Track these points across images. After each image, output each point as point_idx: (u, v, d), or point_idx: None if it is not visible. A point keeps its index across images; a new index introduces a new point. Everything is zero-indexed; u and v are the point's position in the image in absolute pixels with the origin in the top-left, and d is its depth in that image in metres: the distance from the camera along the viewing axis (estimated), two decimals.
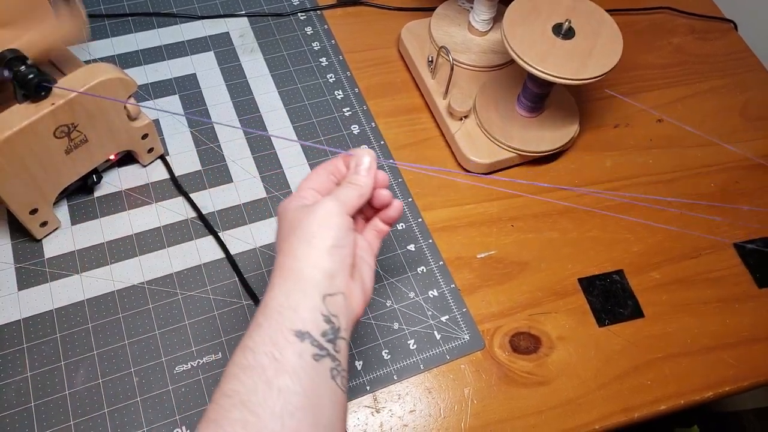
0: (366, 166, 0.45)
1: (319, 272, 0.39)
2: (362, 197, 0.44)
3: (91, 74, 0.53)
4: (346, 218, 0.42)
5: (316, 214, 0.41)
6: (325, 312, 0.39)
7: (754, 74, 0.81)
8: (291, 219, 0.42)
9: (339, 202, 0.42)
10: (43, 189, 0.55)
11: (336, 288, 0.40)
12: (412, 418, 0.54)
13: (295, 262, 0.40)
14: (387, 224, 0.48)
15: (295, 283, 0.39)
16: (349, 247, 0.41)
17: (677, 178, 0.71)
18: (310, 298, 0.39)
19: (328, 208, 0.41)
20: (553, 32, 0.60)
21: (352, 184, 0.44)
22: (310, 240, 0.40)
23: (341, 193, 0.43)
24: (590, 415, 0.56)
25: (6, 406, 0.51)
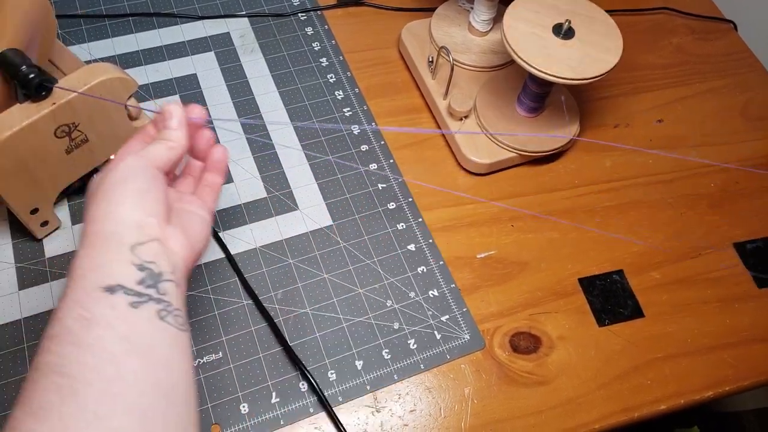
0: (175, 120, 0.42)
1: (124, 225, 0.37)
2: (173, 150, 0.41)
3: (91, 74, 0.53)
4: (152, 170, 0.39)
5: (116, 170, 0.39)
6: (137, 261, 0.36)
7: (754, 74, 0.81)
8: (92, 189, 0.39)
9: (142, 156, 0.40)
10: (43, 189, 0.55)
11: (147, 236, 0.37)
12: (413, 417, 0.54)
13: (96, 225, 0.37)
14: (218, 173, 0.46)
15: (99, 244, 0.37)
16: (157, 191, 0.39)
17: (677, 178, 0.71)
18: (116, 252, 0.36)
19: (127, 163, 0.39)
20: (553, 32, 0.60)
21: (160, 140, 0.42)
22: (110, 198, 0.38)
23: (147, 150, 0.41)
24: (590, 414, 0.56)
25: (7, 406, 0.51)
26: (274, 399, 0.54)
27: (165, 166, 0.41)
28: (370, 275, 0.60)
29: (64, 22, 0.73)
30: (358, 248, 0.62)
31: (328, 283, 0.60)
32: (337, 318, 0.58)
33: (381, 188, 0.66)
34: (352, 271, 0.60)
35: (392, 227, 0.64)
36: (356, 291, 0.59)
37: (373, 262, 0.61)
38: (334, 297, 0.59)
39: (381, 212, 0.64)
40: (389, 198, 0.65)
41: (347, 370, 0.56)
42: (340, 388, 0.55)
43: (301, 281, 0.59)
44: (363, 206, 0.64)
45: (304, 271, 0.60)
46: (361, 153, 0.68)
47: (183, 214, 0.43)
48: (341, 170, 0.67)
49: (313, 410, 0.53)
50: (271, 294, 0.58)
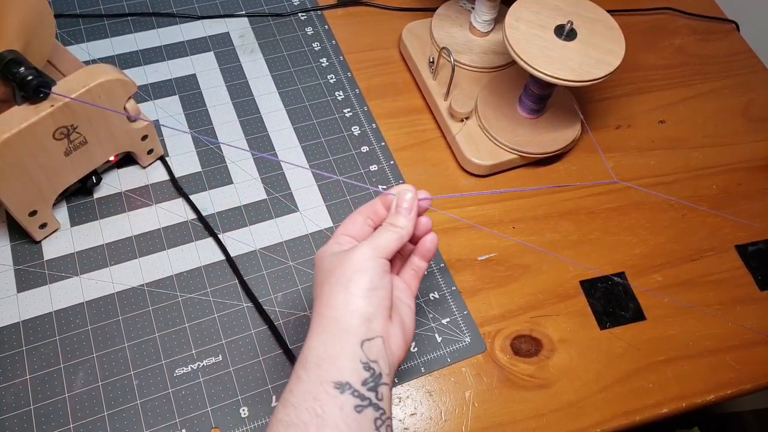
0: (406, 206, 0.44)
1: (356, 317, 0.39)
2: (401, 239, 0.43)
3: (90, 76, 0.53)
4: (381, 261, 0.41)
5: (351, 260, 0.41)
6: (364, 359, 0.38)
7: (756, 75, 0.81)
8: (326, 266, 0.42)
9: (374, 247, 0.41)
10: (42, 191, 0.55)
11: (374, 332, 0.39)
12: (413, 421, 0.54)
13: (331, 311, 0.40)
14: (424, 260, 0.47)
15: (332, 332, 0.39)
16: (385, 289, 0.41)
17: (679, 180, 0.71)
18: (349, 346, 0.38)
19: (362, 253, 0.41)
20: (555, 33, 0.60)
21: (390, 227, 0.43)
22: (345, 285, 0.40)
23: (378, 237, 0.42)
24: (591, 418, 0.56)
25: (5, 409, 0.51)
26: (274, 402, 0.53)
27: (391, 255, 0.42)
28: None
29: (62, 21, 0.72)
30: None
31: None
32: None
33: (382, 190, 0.65)
34: None
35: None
36: None
37: None
38: None
39: None
40: None
41: None
42: None
43: (301, 284, 0.59)
44: None
45: (304, 274, 0.60)
46: (361, 154, 0.68)
47: (397, 303, 0.44)
48: (341, 171, 0.66)
49: None
50: (271, 296, 0.58)
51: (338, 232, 0.45)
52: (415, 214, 0.44)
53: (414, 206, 0.44)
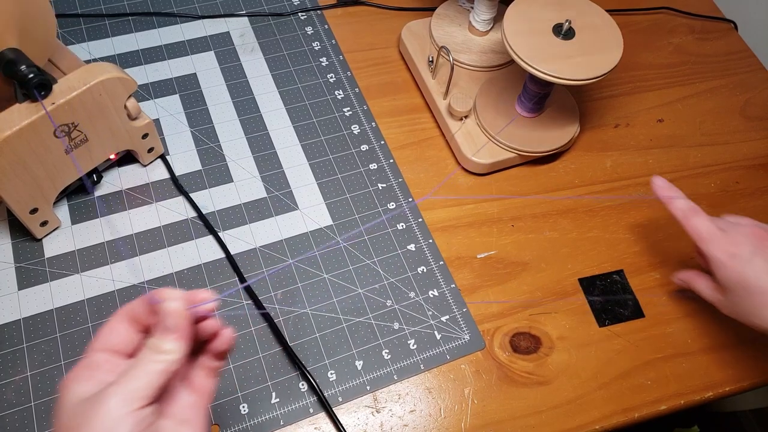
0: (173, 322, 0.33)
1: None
2: (168, 369, 0.33)
3: (91, 74, 0.53)
4: (139, 415, 0.31)
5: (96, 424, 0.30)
6: None
7: (754, 74, 0.81)
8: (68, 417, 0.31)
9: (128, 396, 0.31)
10: (43, 188, 0.55)
11: None
12: (413, 418, 0.54)
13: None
14: (219, 359, 0.38)
15: None
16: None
17: (677, 178, 0.71)
18: None
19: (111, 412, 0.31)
20: (554, 32, 0.60)
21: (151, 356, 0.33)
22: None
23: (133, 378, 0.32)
24: (590, 415, 0.56)
25: (6, 406, 0.51)
26: (274, 399, 0.53)
27: (157, 393, 0.33)
28: (370, 275, 0.60)
29: (63, 21, 0.73)
30: (358, 248, 0.62)
31: (328, 283, 0.60)
32: (337, 318, 0.58)
33: (381, 188, 0.66)
34: (351, 271, 0.60)
35: (392, 227, 0.64)
36: (356, 291, 0.59)
37: (373, 262, 0.61)
38: (333, 297, 0.59)
39: (381, 212, 0.64)
40: (389, 198, 0.65)
41: (347, 370, 0.56)
42: (339, 388, 0.55)
43: (300, 281, 0.59)
44: (363, 206, 0.64)
45: (303, 271, 0.60)
46: (361, 153, 0.68)
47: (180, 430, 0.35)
48: (341, 170, 0.66)
49: (312, 410, 0.53)
50: (270, 294, 0.58)
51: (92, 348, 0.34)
52: (187, 328, 0.34)
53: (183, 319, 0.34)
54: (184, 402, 0.36)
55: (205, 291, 0.36)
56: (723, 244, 0.51)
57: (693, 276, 0.57)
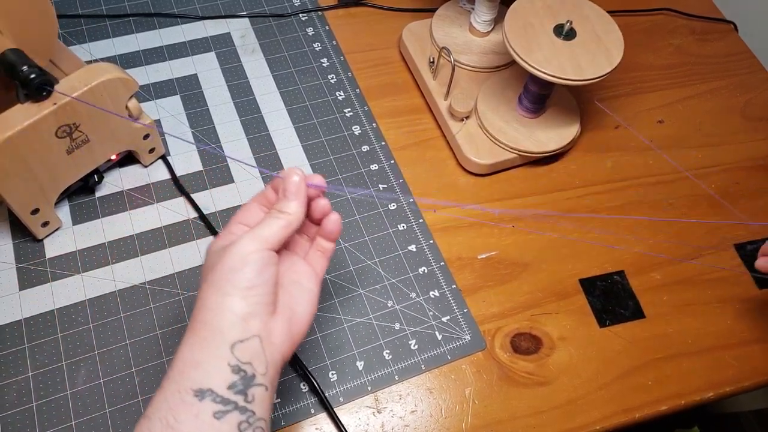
0: (293, 189, 0.42)
1: (230, 319, 0.38)
2: (289, 226, 0.41)
3: (92, 74, 0.53)
4: (265, 254, 0.39)
5: (231, 256, 0.39)
6: (234, 362, 0.37)
7: (754, 75, 0.81)
8: (210, 263, 0.40)
9: (257, 238, 0.40)
10: (44, 189, 0.55)
11: (249, 332, 0.38)
12: (414, 418, 0.54)
13: (205, 313, 0.38)
14: (329, 240, 0.46)
15: (203, 335, 0.38)
16: (266, 285, 0.39)
17: (678, 179, 0.71)
18: (217, 349, 0.37)
19: (243, 248, 0.39)
20: (555, 33, 0.61)
21: (276, 214, 0.41)
22: (221, 286, 0.38)
23: (263, 226, 0.41)
24: (591, 415, 0.56)
25: (7, 406, 0.51)
26: (275, 399, 0.53)
27: (279, 243, 0.41)
28: (371, 276, 0.60)
29: (64, 22, 0.73)
30: (359, 249, 0.62)
31: (329, 283, 0.60)
32: (338, 318, 0.58)
33: (382, 189, 0.66)
34: (353, 272, 0.60)
35: (393, 228, 0.64)
36: (357, 291, 0.59)
37: (374, 263, 0.61)
38: (335, 297, 0.59)
39: (382, 213, 0.64)
40: (390, 198, 0.65)
41: (348, 370, 0.56)
42: (341, 388, 0.55)
43: None
44: (364, 207, 0.64)
45: None
46: (361, 153, 0.68)
47: (292, 288, 0.43)
48: (342, 171, 0.67)
49: (314, 411, 0.53)
50: None
51: (232, 221, 0.43)
52: (305, 197, 0.42)
53: (301, 189, 0.42)
54: (302, 269, 0.44)
55: (318, 175, 0.44)
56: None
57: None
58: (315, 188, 0.44)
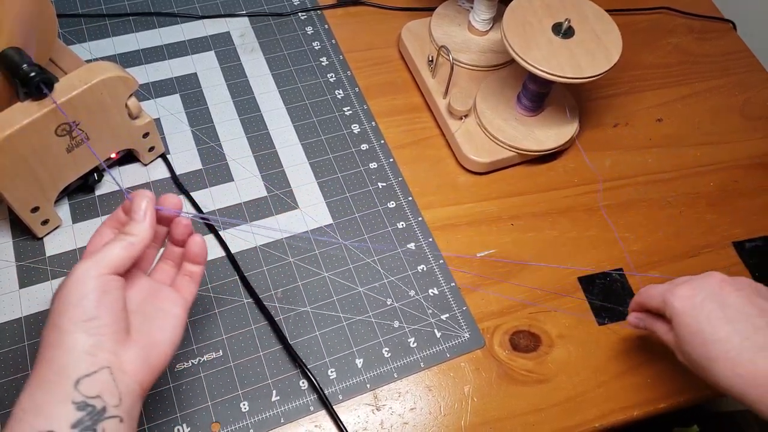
0: (141, 212, 0.41)
1: (73, 354, 0.36)
2: (132, 246, 0.40)
3: (92, 73, 0.53)
4: (104, 279, 0.38)
5: (67, 285, 0.38)
6: (79, 398, 0.35)
7: (753, 74, 0.81)
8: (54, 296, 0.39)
9: (95, 262, 0.38)
10: (44, 187, 0.55)
11: (97, 364, 0.36)
12: (413, 415, 0.54)
13: (47, 351, 0.37)
14: (196, 263, 0.45)
15: (45, 376, 0.36)
16: (110, 313, 0.38)
17: (676, 177, 0.71)
18: (58, 388, 0.35)
19: (79, 274, 0.38)
20: (553, 31, 0.61)
21: (120, 236, 0.40)
22: (57, 323, 0.37)
23: (102, 250, 0.39)
24: (590, 413, 0.56)
25: (7, 404, 0.51)
26: (275, 397, 0.54)
27: (123, 266, 0.39)
28: (370, 274, 0.60)
29: (64, 21, 0.73)
30: (358, 247, 0.62)
31: (328, 281, 0.60)
32: (337, 316, 0.58)
33: (381, 187, 0.66)
34: (352, 270, 0.61)
35: (392, 226, 0.64)
36: (356, 289, 0.60)
37: (373, 261, 0.61)
38: (334, 295, 0.59)
39: (381, 211, 0.64)
40: (389, 197, 0.65)
41: (347, 368, 0.56)
42: (340, 386, 0.55)
43: (301, 280, 0.59)
44: (363, 205, 0.65)
45: (304, 270, 0.60)
46: (361, 152, 0.68)
47: (153, 315, 0.42)
48: (341, 169, 0.67)
49: (313, 408, 0.54)
50: (271, 292, 0.59)
51: (86, 251, 0.42)
52: (152, 219, 0.41)
53: (149, 212, 0.41)
54: (166, 296, 0.43)
55: (173, 196, 0.43)
56: (680, 290, 0.46)
57: (651, 319, 0.51)
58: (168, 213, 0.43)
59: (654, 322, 0.50)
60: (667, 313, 0.47)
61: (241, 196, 0.64)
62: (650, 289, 0.50)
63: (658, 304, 0.48)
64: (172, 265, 0.46)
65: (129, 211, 0.42)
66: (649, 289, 0.50)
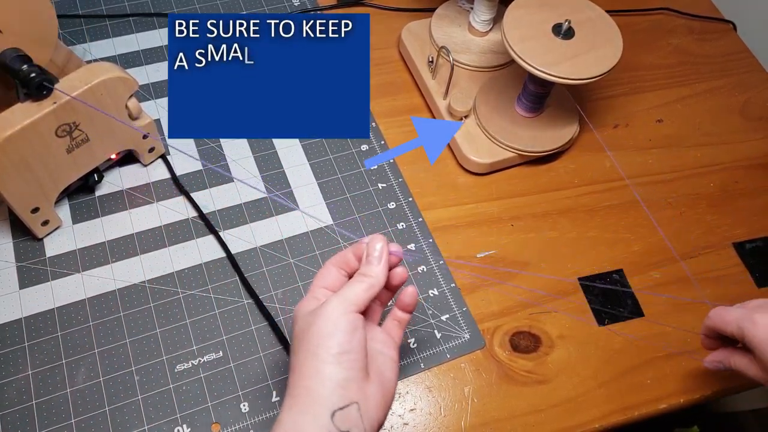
0: (377, 255, 0.43)
1: (328, 386, 0.38)
2: (372, 288, 0.42)
3: (92, 73, 0.53)
4: (352, 317, 0.40)
5: (320, 320, 0.40)
6: (333, 430, 0.37)
7: (753, 74, 0.81)
8: (300, 327, 0.41)
9: (343, 301, 0.41)
10: (44, 188, 0.55)
11: (348, 398, 0.39)
12: (413, 416, 0.54)
13: (302, 380, 0.39)
14: (405, 311, 0.47)
15: (304, 403, 0.38)
16: (357, 349, 0.40)
17: (677, 178, 0.71)
18: (318, 418, 0.37)
19: (330, 311, 0.40)
20: (553, 32, 0.61)
21: (361, 277, 0.43)
22: (315, 352, 0.39)
23: (347, 289, 0.42)
24: (590, 413, 0.56)
25: (7, 405, 0.51)
26: (275, 398, 0.54)
27: (363, 305, 0.42)
28: None
29: (64, 22, 0.73)
30: None
31: None
32: None
33: (381, 188, 0.66)
34: None
35: (392, 227, 0.64)
36: None
37: None
38: None
39: (381, 212, 0.64)
40: (389, 198, 0.65)
41: None
42: None
43: (301, 280, 0.59)
44: (363, 206, 0.65)
45: (304, 271, 0.60)
46: (361, 152, 0.68)
47: (376, 356, 0.43)
48: (341, 170, 0.67)
49: None
50: (271, 293, 0.58)
51: (314, 286, 0.44)
52: (386, 262, 0.43)
53: (384, 255, 0.43)
54: (381, 337, 0.45)
55: (396, 244, 0.45)
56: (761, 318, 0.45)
57: (728, 354, 0.50)
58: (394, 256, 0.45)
59: (732, 357, 0.50)
60: (747, 342, 0.46)
61: (241, 197, 0.64)
62: (724, 315, 0.48)
63: (733, 330, 0.47)
64: (379, 305, 0.47)
65: (359, 255, 0.44)
66: (722, 314, 0.48)
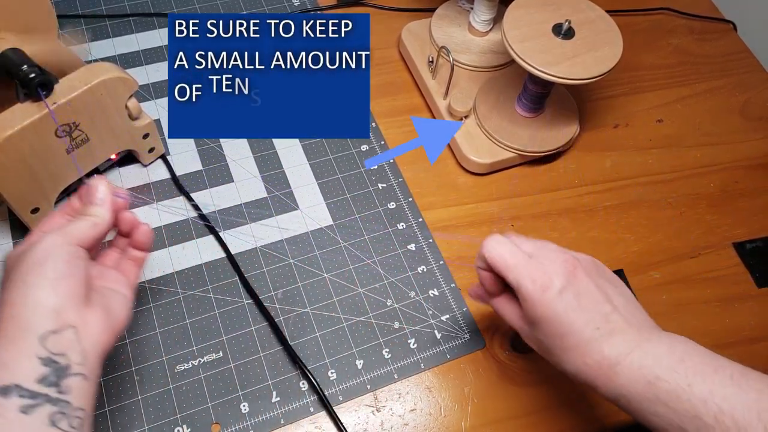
0: (101, 195, 0.43)
1: (40, 312, 0.37)
2: (97, 227, 0.42)
3: (92, 74, 0.53)
4: (72, 248, 0.40)
5: (34, 252, 0.39)
6: (44, 354, 0.36)
7: (753, 74, 0.81)
8: (10, 266, 0.39)
9: (64, 234, 0.40)
10: (44, 188, 0.55)
11: (62, 323, 0.37)
12: (413, 416, 0.54)
13: (11, 309, 0.37)
14: (141, 249, 0.47)
15: (9, 334, 0.36)
16: (76, 276, 0.39)
17: (677, 178, 0.71)
18: (24, 344, 0.36)
19: (47, 242, 0.39)
20: (553, 32, 0.61)
21: (84, 216, 0.42)
22: (24, 279, 0.37)
23: (69, 225, 0.41)
24: (590, 414, 0.56)
25: None
26: (275, 398, 0.54)
27: (87, 242, 0.41)
28: (370, 275, 0.60)
29: (65, 22, 0.73)
30: (358, 248, 0.62)
31: (329, 282, 0.60)
32: (337, 317, 0.58)
33: (381, 188, 0.66)
34: (352, 271, 0.60)
35: (392, 227, 0.64)
36: (356, 290, 0.60)
37: (373, 262, 0.61)
38: (334, 296, 0.59)
39: (381, 212, 0.64)
40: (389, 198, 0.65)
41: (347, 369, 0.56)
42: (340, 387, 0.55)
43: (301, 281, 0.59)
44: (363, 206, 0.65)
45: (304, 271, 0.60)
46: (361, 152, 0.68)
47: (104, 292, 0.43)
48: (341, 170, 0.67)
49: (313, 409, 0.54)
50: (271, 293, 0.58)
51: (34, 231, 0.43)
52: (110, 204, 0.44)
53: (108, 197, 0.44)
54: (114, 277, 0.45)
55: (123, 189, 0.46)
56: (533, 273, 0.43)
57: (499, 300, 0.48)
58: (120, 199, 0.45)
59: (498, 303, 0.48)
60: (517, 290, 0.44)
61: (241, 197, 0.64)
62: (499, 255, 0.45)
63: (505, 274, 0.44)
64: (118, 252, 0.48)
65: (84, 199, 0.44)
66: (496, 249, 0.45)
